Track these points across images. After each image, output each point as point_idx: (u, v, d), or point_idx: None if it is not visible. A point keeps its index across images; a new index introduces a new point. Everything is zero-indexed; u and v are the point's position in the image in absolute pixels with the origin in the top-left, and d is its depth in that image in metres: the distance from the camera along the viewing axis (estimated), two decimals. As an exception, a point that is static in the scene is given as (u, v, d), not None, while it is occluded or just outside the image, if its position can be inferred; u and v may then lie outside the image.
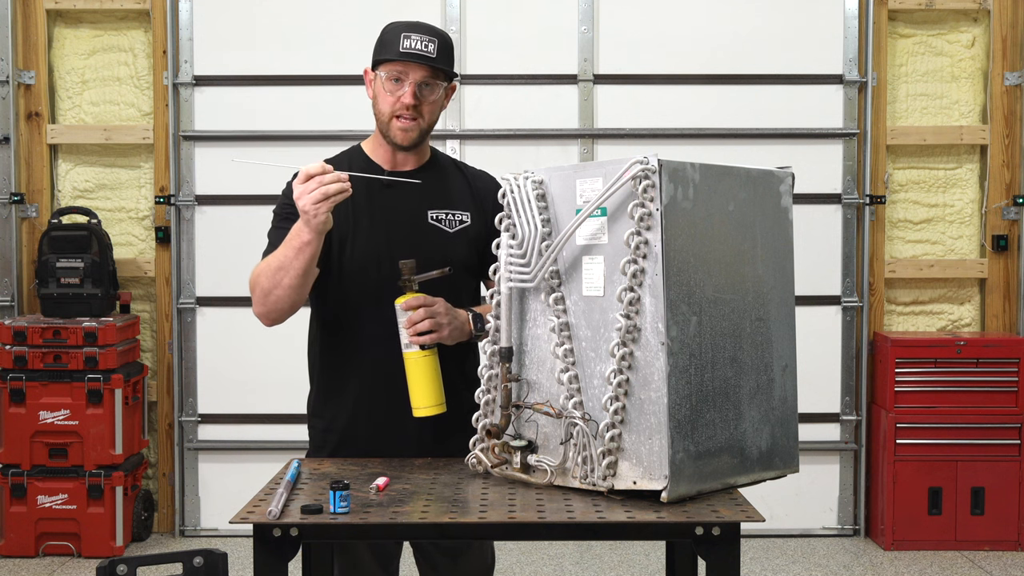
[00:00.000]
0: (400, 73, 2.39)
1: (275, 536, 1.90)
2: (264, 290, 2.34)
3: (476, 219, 2.50)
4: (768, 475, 2.15)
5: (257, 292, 2.36)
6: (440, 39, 2.41)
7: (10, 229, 4.80)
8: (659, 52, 4.79)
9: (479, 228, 2.49)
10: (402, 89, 2.40)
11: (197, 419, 4.83)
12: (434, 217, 2.48)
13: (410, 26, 2.41)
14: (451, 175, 2.56)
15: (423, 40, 2.38)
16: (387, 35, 2.42)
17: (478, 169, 2.63)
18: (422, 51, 2.38)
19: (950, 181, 4.97)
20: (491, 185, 2.52)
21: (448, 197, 2.50)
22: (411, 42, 2.37)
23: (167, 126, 4.78)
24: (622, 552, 4.54)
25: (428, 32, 2.40)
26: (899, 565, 4.45)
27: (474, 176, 2.58)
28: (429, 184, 2.49)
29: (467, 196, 2.52)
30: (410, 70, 2.39)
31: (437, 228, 2.47)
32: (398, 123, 2.41)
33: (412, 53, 2.37)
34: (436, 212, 2.48)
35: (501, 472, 2.19)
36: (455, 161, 2.63)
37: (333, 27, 4.76)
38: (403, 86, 2.39)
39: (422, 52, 2.38)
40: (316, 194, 2.19)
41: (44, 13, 4.85)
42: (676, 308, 1.96)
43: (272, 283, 2.32)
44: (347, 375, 2.47)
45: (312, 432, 2.56)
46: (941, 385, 4.60)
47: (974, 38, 4.94)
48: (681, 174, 1.98)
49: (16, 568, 4.39)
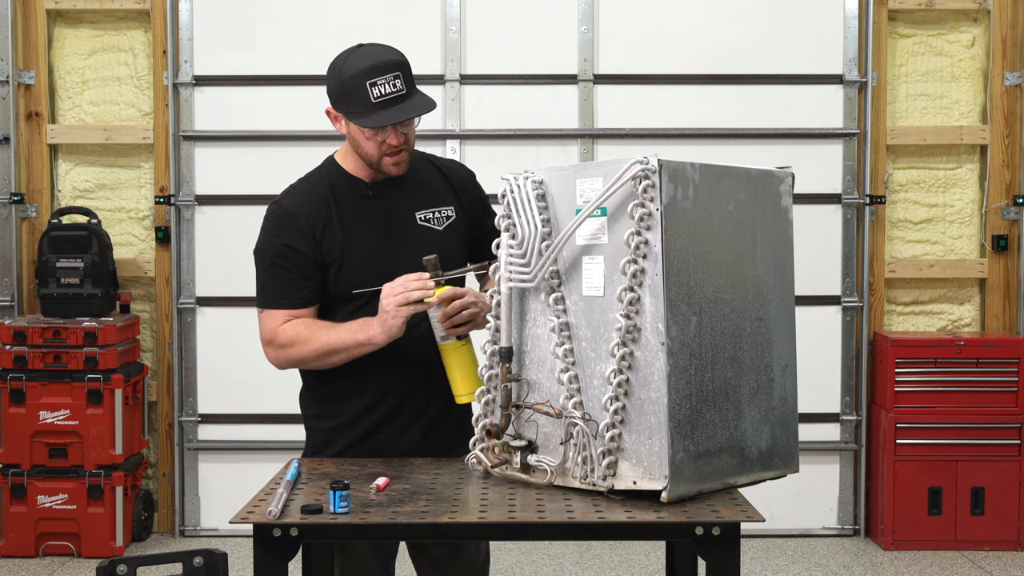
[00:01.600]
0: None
1: (275, 536, 1.90)
2: (300, 358, 2.42)
3: (458, 210, 2.54)
4: (768, 475, 2.16)
5: (289, 355, 2.42)
6: (401, 66, 2.35)
7: (10, 229, 4.80)
8: (659, 52, 4.79)
9: (461, 218, 2.53)
10: (385, 133, 2.36)
11: (197, 419, 4.83)
12: (423, 217, 2.50)
13: (371, 69, 2.31)
14: (427, 172, 2.57)
15: (390, 81, 2.31)
16: (349, 84, 2.32)
17: (448, 160, 2.67)
18: (395, 93, 2.32)
19: (950, 181, 4.97)
20: (463, 172, 2.61)
21: (431, 195, 2.53)
22: (379, 89, 2.31)
23: (167, 126, 4.78)
24: (622, 552, 4.54)
25: (389, 68, 2.32)
26: (899, 565, 4.45)
27: (446, 168, 2.61)
28: (411, 187, 2.51)
29: (447, 189, 2.55)
30: None
31: (428, 228, 2.50)
32: (389, 160, 2.41)
33: (387, 102, 2.31)
34: (423, 212, 2.51)
35: (501, 472, 2.19)
36: (426, 156, 2.62)
37: (333, 27, 4.75)
38: (385, 130, 2.36)
39: (395, 94, 2.32)
40: (401, 297, 2.26)
41: (44, 13, 4.85)
42: (676, 308, 1.96)
43: (315, 358, 2.40)
44: (354, 378, 2.47)
45: (313, 433, 2.56)
46: (941, 385, 4.60)
47: (974, 38, 4.94)
48: (681, 174, 1.98)
49: (16, 568, 4.39)
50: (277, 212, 2.46)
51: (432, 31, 4.75)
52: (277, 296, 2.43)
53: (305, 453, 2.54)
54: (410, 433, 2.47)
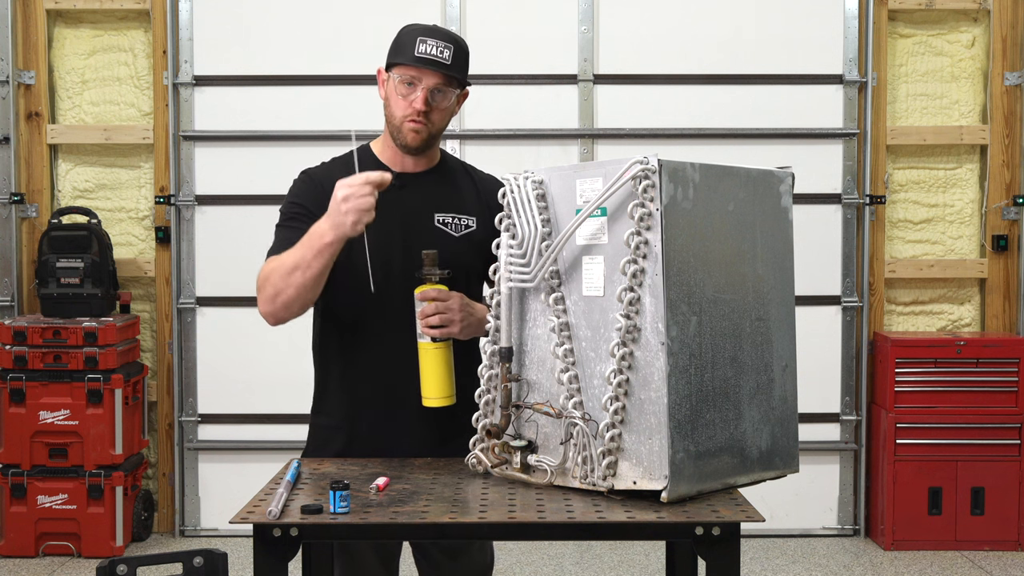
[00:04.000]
0: (413, 78, 2.38)
1: (275, 536, 1.90)
2: (276, 289, 2.32)
3: (482, 224, 2.48)
4: (768, 475, 2.15)
5: (267, 291, 2.34)
6: (456, 45, 2.40)
7: (10, 229, 4.80)
8: (659, 52, 4.79)
9: (484, 233, 2.45)
10: (414, 94, 2.38)
11: (197, 419, 4.83)
12: (440, 220, 2.47)
13: (427, 30, 2.39)
14: (460, 179, 2.55)
15: (439, 46, 2.37)
16: (403, 38, 2.41)
17: (486, 173, 2.62)
18: (437, 57, 2.36)
19: (950, 181, 4.97)
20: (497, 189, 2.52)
21: (456, 201, 2.50)
22: (427, 47, 2.36)
23: (167, 126, 4.78)
24: (622, 552, 4.54)
25: (444, 38, 2.39)
26: (899, 565, 4.45)
27: (482, 180, 2.57)
28: (437, 187, 2.49)
29: (474, 201, 2.52)
30: (424, 75, 2.37)
31: (442, 231, 2.46)
32: (409, 125, 2.41)
33: (426, 59, 2.36)
34: (443, 215, 2.48)
35: (501, 472, 2.19)
36: (464, 165, 2.62)
37: (333, 27, 4.76)
38: (416, 90, 2.38)
39: (437, 58, 2.36)
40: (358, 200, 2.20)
41: (44, 13, 4.85)
42: (676, 308, 1.96)
43: (285, 283, 2.30)
44: (352, 373, 2.46)
45: (314, 430, 2.55)
46: (941, 385, 4.60)
47: (974, 38, 4.94)
48: (681, 174, 1.98)
49: (16, 568, 4.39)
50: (303, 179, 2.50)
51: (432, 31, 4.75)
52: (278, 247, 2.40)
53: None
54: (413, 432, 2.46)
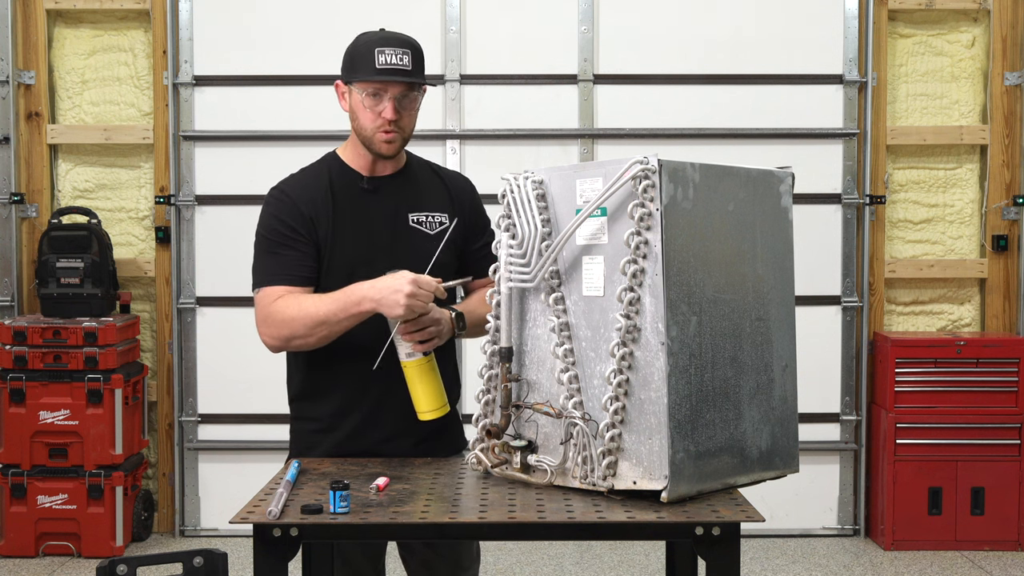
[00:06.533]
0: (378, 89, 2.40)
1: (275, 536, 1.90)
2: (295, 334, 2.36)
3: (453, 221, 2.52)
4: (768, 475, 2.16)
5: (284, 331, 2.37)
6: (412, 49, 2.42)
7: (10, 229, 4.80)
8: (659, 52, 4.79)
9: (457, 230, 2.51)
10: (382, 104, 2.41)
11: (197, 419, 4.83)
12: (415, 220, 2.50)
13: (382, 39, 2.41)
14: (428, 178, 2.59)
15: (397, 53, 2.39)
16: (359, 49, 2.43)
17: (452, 171, 2.69)
18: (398, 65, 2.39)
19: (950, 181, 4.97)
20: (466, 186, 2.61)
21: (426, 200, 2.53)
22: (386, 57, 2.38)
23: (167, 126, 4.78)
24: (622, 552, 4.54)
25: (400, 44, 2.41)
26: (899, 565, 4.45)
27: (449, 178, 2.62)
28: (408, 188, 2.52)
29: (444, 199, 2.55)
30: (388, 86, 2.40)
31: (418, 231, 2.50)
32: (382, 136, 2.43)
33: (388, 69, 2.38)
34: (416, 215, 2.51)
35: (501, 472, 2.19)
36: (430, 164, 2.66)
37: (333, 27, 4.75)
38: (382, 101, 2.41)
39: (398, 66, 2.39)
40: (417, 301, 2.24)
41: (44, 13, 4.85)
42: (676, 308, 1.96)
43: (308, 332, 2.34)
44: (334, 377, 2.47)
45: (297, 434, 2.55)
46: (941, 385, 4.60)
47: (974, 38, 4.94)
48: (681, 174, 1.98)
49: (16, 568, 4.39)
50: (277, 196, 2.49)
51: (432, 31, 4.75)
52: (273, 273, 2.42)
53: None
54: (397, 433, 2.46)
